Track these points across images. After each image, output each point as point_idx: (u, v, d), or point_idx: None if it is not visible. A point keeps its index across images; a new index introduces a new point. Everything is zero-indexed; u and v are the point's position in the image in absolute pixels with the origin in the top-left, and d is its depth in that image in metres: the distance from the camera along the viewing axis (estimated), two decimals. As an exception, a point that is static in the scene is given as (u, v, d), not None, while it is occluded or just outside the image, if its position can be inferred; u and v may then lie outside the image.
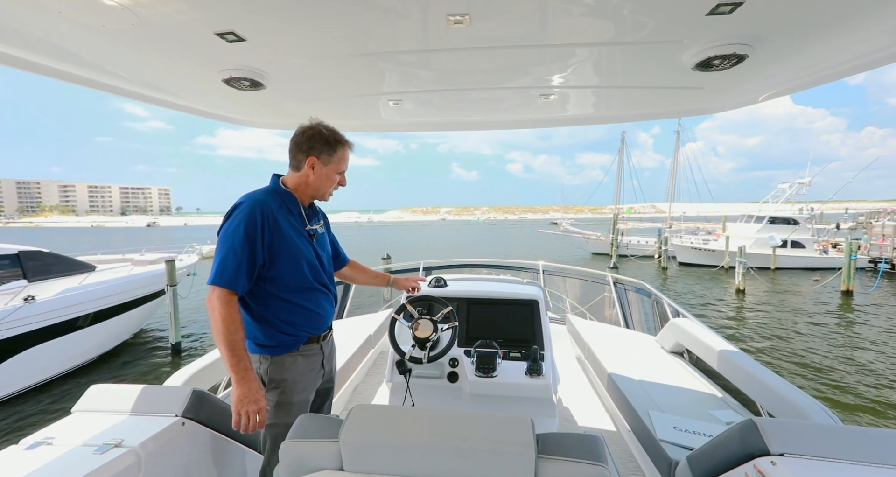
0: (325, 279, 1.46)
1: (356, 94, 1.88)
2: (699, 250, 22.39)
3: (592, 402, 2.56)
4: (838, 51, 1.29)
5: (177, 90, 1.81)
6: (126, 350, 8.72)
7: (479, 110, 2.17)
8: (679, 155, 37.51)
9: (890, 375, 7.20)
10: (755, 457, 1.03)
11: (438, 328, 1.80)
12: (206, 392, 1.45)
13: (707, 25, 1.15)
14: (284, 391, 1.31)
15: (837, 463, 0.97)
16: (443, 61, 1.50)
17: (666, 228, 28.04)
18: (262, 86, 1.64)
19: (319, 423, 0.96)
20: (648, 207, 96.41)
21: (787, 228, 21.29)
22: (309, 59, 1.45)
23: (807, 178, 24.08)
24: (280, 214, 1.31)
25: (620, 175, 38.55)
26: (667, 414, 1.87)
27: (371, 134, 35.58)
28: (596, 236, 28.33)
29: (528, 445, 0.82)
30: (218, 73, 1.53)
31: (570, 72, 1.58)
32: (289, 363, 1.33)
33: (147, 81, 1.68)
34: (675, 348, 2.80)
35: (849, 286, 14.30)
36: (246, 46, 1.32)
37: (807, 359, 8.14)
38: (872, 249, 19.62)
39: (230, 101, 1.94)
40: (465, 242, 44.06)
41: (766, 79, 1.56)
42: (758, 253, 20.02)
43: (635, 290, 4.09)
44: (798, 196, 24.16)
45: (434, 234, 60.51)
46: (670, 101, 1.93)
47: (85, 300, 7.20)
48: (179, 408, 1.32)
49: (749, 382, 1.92)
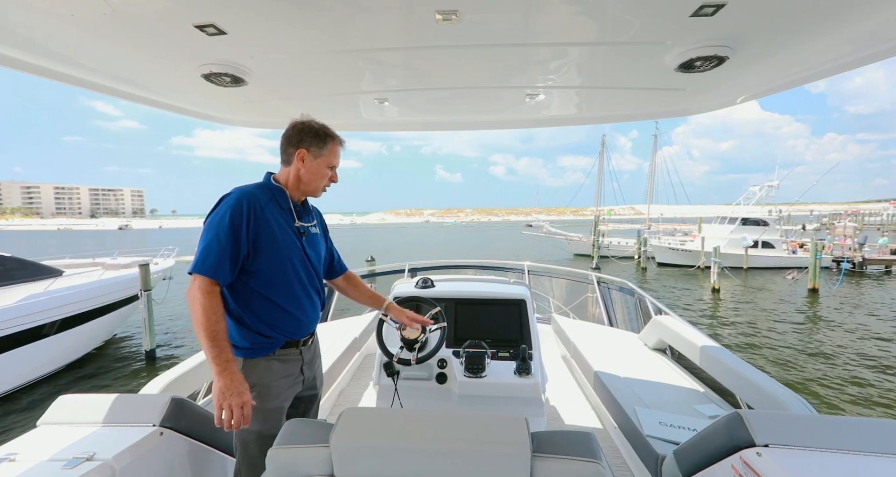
0: (313, 281, 1.41)
1: (342, 92, 1.85)
2: (676, 251, 23.07)
3: (578, 400, 2.59)
4: (812, 54, 1.34)
5: (153, 85, 1.72)
6: (96, 359, 8.32)
7: (467, 110, 2.17)
8: (656, 158, 38.71)
9: (852, 369, 7.59)
10: (741, 449, 1.05)
11: (427, 329, 1.78)
12: (186, 400, 1.38)
13: (690, 27, 1.18)
14: (258, 397, 1.23)
15: (818, 452, 1.00)
16: (430, 59, 1.48)
17: (645, 230, 28.81)
18: (244, 82, 1.58)
19: (308, 428, 0.93)
20: (628, 209, 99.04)
21: (758, 229, 22.20)
22: (293, 54, 1.41)
23: (775, 181, 25.21)
24: (269, 208, 1.28)
25: (601, 177, 39.41)
26: (652, 410, 1.91)
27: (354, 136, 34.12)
28: (578, 238, 28.82)
29: (523, 444, 0.81)
30: (197, 67, 1.47)
31: (557, 71, 1.60)
32: (262, 367, 1.26)
33: (121, 76, 1.60)
34: (657, 345, 2.87)
35: (815, 284, 15.01)
36: (227, 40, 1.26)
37: (778, 353, 8.50)
38: (836, 249, 20.69)
39: (210, 98, 1.87)
40: (450, 244, 44.11)
41: (744, 80, 1.62)
42: (731, 253, 20.77)
43: (619, 289, 4.17)
44: (767, 198, 25.28)
45: (417, 236, 60.34)
46: (653, 103, 1.98)
47: (50, 307, 6.83)
48: (157, 417, 1.25)
49: (730, 377, 1.98)
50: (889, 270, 19.59)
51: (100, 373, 7.70)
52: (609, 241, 27.77)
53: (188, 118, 1.32)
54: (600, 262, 24.13)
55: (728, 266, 18.77)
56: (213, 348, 1.11)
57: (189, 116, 2.10)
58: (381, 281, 5.10)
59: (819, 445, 1.01)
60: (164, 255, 11.70)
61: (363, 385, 2.94)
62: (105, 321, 8.23)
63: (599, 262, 23.94)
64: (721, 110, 2.02)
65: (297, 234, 1.36)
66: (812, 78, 1.47)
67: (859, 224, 29.23)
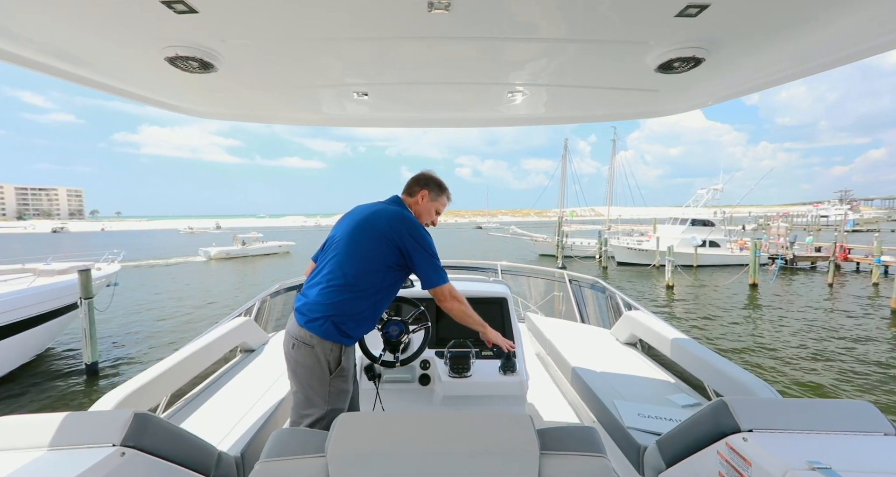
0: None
1: (320, 83, 1.74)
2: (634, 250, 24.33)
3: (555, 397, 2.63)
4: (783, 58, 1.43)
5: (108, 68, 1.52)
6: (26, 375, 7.46)
7: (449, 107, 2.13)
8: (614, 162, 40.67)
9: (787, 353, 8.41)
10: (727, 435, 1.09)
11: (409, 330, 1.74)
12: (152, 415, 1.23)
13: (673, 27, 1.21)
14: (346, 379, 1.50)
15: (799, 434, 1.06)
16: (416, 51, 1.42)
17: (605, 230, 30.15)
18: (213, 68, 1.43)
19: (298, 437, 0.86)
20: (589, 211, 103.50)
21: (706, 229, 23.88)
22: (269, 39, 1.30)
23: (720, 185, 27.25)
24: None
25: (564, 180, 40.81)
26: (631, 402, 1.96)
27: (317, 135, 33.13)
28: (542, 238, 29.67)
29: (531, 441, 0.79)
30: (161, 49, 1.31)
31: (542, 68, 1.60)
32: (351, 354, 1.55)
33: (70, 55, 1.40)
34: (629, 340, 2.98)
35: (755, 280, 16.37)
36: (197, 19, 1.13)
37: (728, 341, 9.22)
38: (771, 248, 22.73)
39: (173, 85, 1.70)
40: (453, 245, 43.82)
41: (716, 82, 1.70)
42: (683, 252, 22.19)
43: (590, 286, 4.31)
44: (713, 201, 27.26)
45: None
46: (629, 103, 2.04)
47: None
48: (118, 435, 1.10)
49: (699, 367, 2.08)
50: (815, 265, 21.75)
51: (29, 391, 6.90)
52: (572, 241, 28.79)
53: (132, 111, 1.16)
54: (565, 261, 24.99)
55: (680, 264, 20.04)
56: (479, 322, 1.66)
57: (150, 105, 1.89)
58: None
59: (799, 428, 1.07)
60: (109, 259, 10.72)
61: None
62: (36, 333, 7.40)
63: (564, 261, 24.78)
64: (669, 117, 2.11)
65: None
66: (781, 80, 1.57)
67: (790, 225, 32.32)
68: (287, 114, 2.18)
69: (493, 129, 44.47)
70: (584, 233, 35.81)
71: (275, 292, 3.86)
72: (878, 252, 16.72)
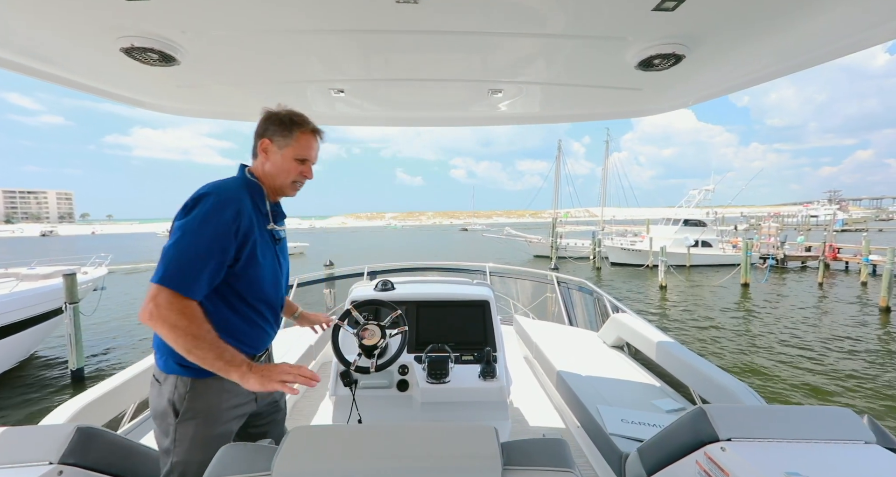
0: (281, 291, 1.28)
1: (293, 79, 1.69)
2: (628, 251, 24.46)
3: (542, 401, 2.59)
4: (764, 56, 1.41)
5: (60, 59, 1.44)
6: (8, 383, 7.28)
7: (428, 105, 2.09)
8: (608, 163, 40.97)
9: (780, 353, 8.46)
10: (705, 444, 1.06)
11: (387, 334, 1.69)
12: (97, 428, 1.16)
13: (651, 22, 1.19)
14: (204, 423, 1.09)
15: (778, 443, 1.03)
16: (388, 46, 1.38)
17: (599, 231, 30.30)
18: (175, 61, 1.37)
19: (247, 453, 0.81)
20: (583, 212, 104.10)
21: (698, 230, 24.08)
22: (233, 31, 1.24)
23: (712, 185, 27.53)
24: (251, 210, 1.13)
25: (558, 181, 41.02)
26: (615, 407, 1.93)
27: (312, 136, 34.18)
28: (537, 239, 29.76)
29: (493, 457, 0.75)
30: (115, 39, 1.24)
31: (520, 65, 1.56)
32: (215, 388, 1.10)
33: (17, 45, 1.31)
34: (615, 343, 2.95)
35: (746, 279, 16.51)
36: (150, 7, 1.07)
37: (720, 341, 9.27)
38: (762, 248, 22.95)
39: (135, 78, 1.62)
40: (413, 247, 43.85)
41: (698, 81, 1.68)
42: (676, 252, 22.35)
43: (578, 288, 4.28)
44: (705, 201, 27.52)
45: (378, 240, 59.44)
46: (612, 102, 2.01)
47: None
48: (56, 453, 1.03)
49: (684, 371, 2.05)
50: (805, 265, 22.00)
51: (11, 398, 6.74)
52: (566, 242, 28.91)
53: (123, 113, 1.07)
54: (559, 262, 25.03)
55: (673, 264, 20.18)
56: (219, 358, 0.98)
57: (113, 100, 1.81)
58: (340, 285, 4.87)
59: (778, 436, 1.04)
60: (96, 263, 10.53)
61: (319, 397, 2.76)
62: (19, 339, 7.24)
63: (558, 262, 24.83)
64: (661, 119, 2.12)
65: (273, 240, 1.23)
66: (763, 79, 1.55)
67: (780, 225, 32.70)
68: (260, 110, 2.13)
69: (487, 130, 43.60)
70: (578, 234, 35.97)
71: None
72: (867, 251, 16.95)
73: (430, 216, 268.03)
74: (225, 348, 1.00)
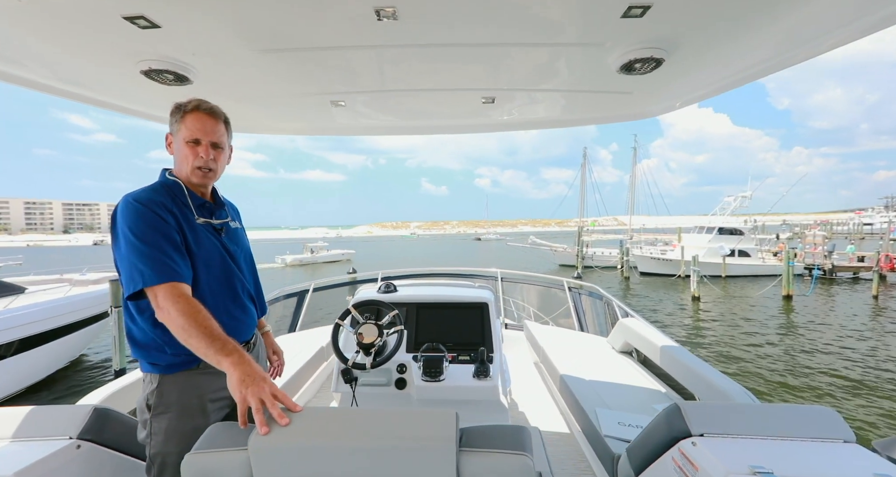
0: (239, 280, 1.26)
1: (295, 93, 1.83)
2: (658, 260, 23.55)
3: (548, 405, 2.58)
4: (745, 54, 1.42)
5: (89, 82, 1.64)
6: (62, 379, 7.89)
7: (423, 113, 2.19)
8: (636, 170, 39.89)
9: (827, 372, 7.78)
10: (679, 440, 1.06)
11: (384, 333, 1.76)
12: (112, 410, 1.29)
13: (624, 28, 1.23)
14: (177, 416, 1.09)
15: (750, 439, 1.01)
16: (376, 60, 1.49)
17: (627, 240, 29.40)
18: (188, 80, 1.54)
19: (230, 431, 0.89)
20: (611, 220, 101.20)
21: (734, 238, 22.90)
22: (236, 52, 1.38)
23: (748, 192, 26.21)
24: (169, 207, 1.12)
25: (584, 189, 40.29)
26: (614, 411, 1.91)
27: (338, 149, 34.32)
28: (562, 248, 29.23)
29: (448, 439, 0.80)
30: (135, 63, 1.42)
31: (506, 74, 1.63)
32: (182, 383, 1.11)
33: (51, 71, 1.51)
34: (624, 348, 2.89)
35: (789, 291, 15.47)
36: (162, 34, 1.23)
37: (759, 357, 8.66)
38: (807, 257, 21.47)
39: (154, 98, 1.81)
40: (436, 256, 44.06)
41: (689, 81, 1.69)
42: (710, 262, 21.32)
43: (588, 293, 4.22)
44: (742, 209, 26.20)
45: (402, 249, 60.15)
46: (604, 106, 2.04)
47: (9, 326, 6.49)
48: (75, 429, 1.16)
49: (685, 374, 2.01)
50: (857, 276, 20.37)
51: (66, 395, 7.29)
52: (593, 251, 28.23)
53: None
54: (585, 272, 24.45)
55: (707, 274, 19.24)
56: (213, 344, 0.96)
57: (136, 116, 2.03)
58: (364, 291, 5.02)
59: (752, 433, 1.03)
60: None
61: (330, 395, 2.85)
62: (71, 340, 7.85)
63: (584, 272, 24.26)
64: (693, 124, 2.10)
65: (213, 232, 1.23)
66: (751, 77, 1.55)
67: (829, 233, 30.52)
68: (270, 123, 2.30)
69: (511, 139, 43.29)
70: (605, 242, 35.06)
71: (272, 299, 3.96)
72: (928, 261, 15.53)
73: (454, 225, 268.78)
74: (217, 336, 0.99)
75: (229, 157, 1.29)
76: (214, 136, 1.18)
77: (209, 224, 1.22)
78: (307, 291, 4.21)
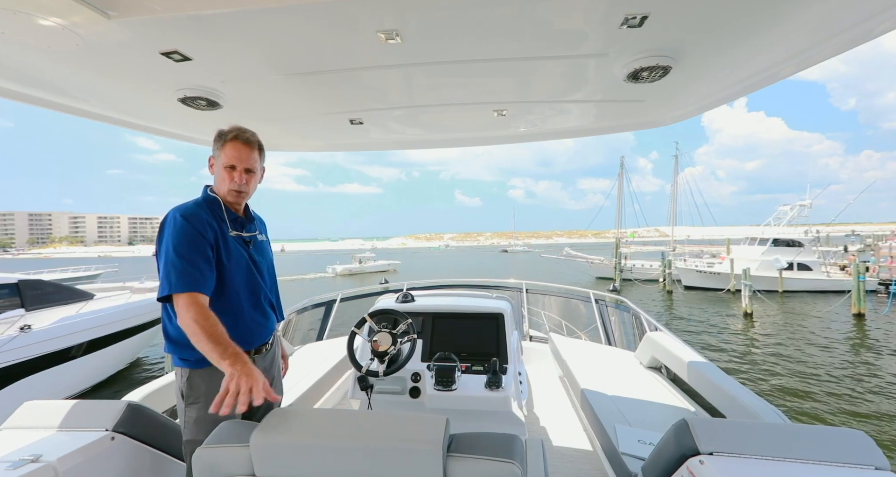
0: (261, 289, 1.40)
1: (314, 112, 1.96)
2: (704, 274, 22.09)
3: (571, 421, 2.49)
4: (755, 57, 1.36)
5: (135, 110, 1.86)
6: (121, 379, 8.59)
7: (438, 128, 2.26)
8: (679, 179, 37.96)
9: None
10: (688, 457, 1.00)
11: (398, 341, 1.80)
12: (144, 406, 1.42)
13: (625, 38, 1.23)
14: (205, 406, 1.20)
15: (762, 460, 0.94)
16: (389, 78, 1.57)
17: (669, 252, 27.85)
18: (219, 105, 1.71)
19: (237, 428, 0.96)
20: (652, 231, 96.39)
21: (792, 251, 21.06)
22: (258, 77, 1.52)
23: (808, 201, 24.14)
24: (208, 220, 1.28)
25: (621, 199, 38.87)
26: (634, 428, 1.82)
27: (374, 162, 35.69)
28: (599, 260, 28.18)
29: (436, 443, 0.81)
30: (173, 92, 1.60)
31: (515, 87, 1.66)
32: (209, 376, 1.22)
33: (105, 102, 1.73)
34: (651, 363, 2.74)
35: (860, 309, 13.92)
36: (194, 65, 1.38)
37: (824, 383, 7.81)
38: (882, 271, 19.25)
39: (191, 121, 2.00)
40: (467, 268, 43.88)
41: (702, 87, 1.64)
42: (764, 275, 19.70)
43: (615, 306, 4.05)
44: (800, 218, 24.11)
45: (435, 260, 60.45)
46: (620, 114, 2.02)
47: (79, 329, 7.18)
48: (110, 422, 1.29)
49: (712, 391, 1.89)
50: (945, 293, 17.97)
51: (119, 392, 7.92)
52: (632, 263, 26.99)
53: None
54: (624, 285, 23.36)
55: (761, 289, 17.77)
56: (216, 348, 1.07)
57: (175, 139, 2.26)
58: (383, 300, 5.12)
59: (769, 454, 0.95)
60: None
61: (349, 402, 2.92)
62: (130, 343, 8.55)
63: (622, 285, 23.18)
64: (744, 129, 2.02)
65: (243, 244, 1.37)
66: (768, 80, 1.48)
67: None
68: (294, 141, 2.46)
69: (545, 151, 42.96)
70: (645, 254, 33.40)
71: (301, 309, 4.13)
72: None
73: (487, 237, 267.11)
74: (220, 342, 1.10)
75: (261, 177, 1.47)
76: (248, 163, 1.35)
77: (240, 236, 1.38)
78: (335, 301, 4.36)
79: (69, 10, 1.03)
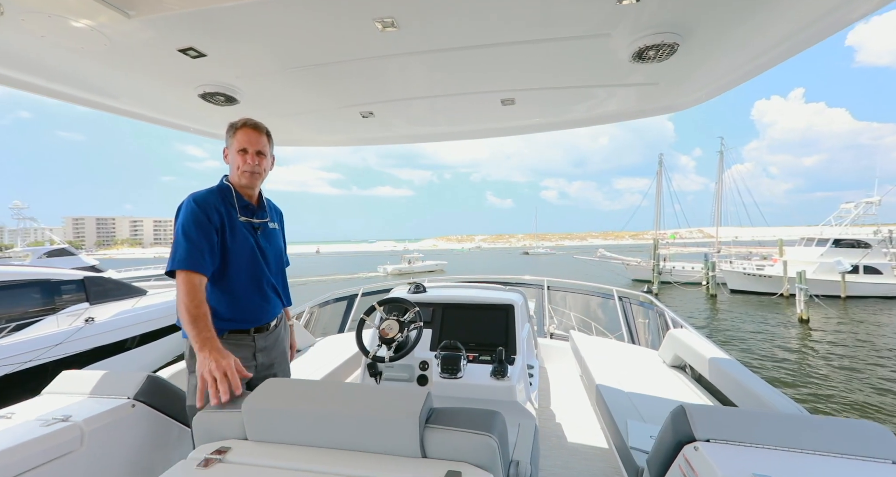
0: (264, 273, 1.47)
1: (325, 107, 2.03)
2: (753, 277, 20.61)
3: (589, 418, 2.41)
4: (767, 30, 1.27)
5: (160, 106, 1.99)
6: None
7: (448, 119, 2.26)
8: (725, 177, 35.67)
9: None
10: (684, 444, 0.95)
11: (405, 329, 1.83)
12: (162, 378, 1.54)
13: (627, 15, 1.19)
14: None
15: (767, 449, 0.87)
16: (392, 68, 1.59)
17: (713, 254, 26.20)
18: (236, 101, 1.81)
19: (233, 395, 1.03)
20: (696, 232, 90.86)
21: (857, 252, 19.20)
22: (272, 72, 1.59)
23: (876, 198, 21.94)
24: (218, 205, 1.39)
25: (659, 199, 37.09)
26: (647, 424, 1.73)
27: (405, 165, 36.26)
28: (636, 262, 27.03)
29: (413, 414, 0.83)
30: (193, 88, 1.71)
31: (519, 73, 1.64)
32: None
33: (133, 98, 1.87)
34: (674, 361, 2.60)
35: (939, 316, 12.46)
36: (210, 61, 1.47)
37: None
38: (967, 274, 17.12)
39: (211, 117, 2.11)
40: (496, 269, 43.54)
41: (718, 64, 1.54)
42: (823, 279, 18.09)
43: (639, 303, 3.87)
44: (866, 217, 21.95)
45: (465, 261, 60.45)
46: (633, 99, 1.94)
47: (133, 322, 7.82)
48: (132, 391, 1.42)
49: (732, 386, 1.77)
50: None
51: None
52: (672, 265, 25.65)
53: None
54: (662, 287, 22.24)
55: (819, 294, 16.31)
56: (192, 329, 1.18)
57: (196, 134, 2.41)
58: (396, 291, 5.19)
59: (772, 443, 0.88)
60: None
61: None
62: (178, 337, 9.18)
63: (661, 287, 22.07)
64: (800, 122, 1.90)
65: (251, 229, 1.46)
66: (790, 52, 1.37)
67: None
68: (309, 136, 2.56)
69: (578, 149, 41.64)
70: (685, 256, 31.64)
71: (323, 302, 4.28)
72: None
73: (519, 238, 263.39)
74: (196, 324, 1.19)
75: (272, 164, 1.57)
76: (259, 146, 1.45)
77: (249, 222, 1.47)
78: (356, 295, 4.49)
79: (93, 11, 1.14)
